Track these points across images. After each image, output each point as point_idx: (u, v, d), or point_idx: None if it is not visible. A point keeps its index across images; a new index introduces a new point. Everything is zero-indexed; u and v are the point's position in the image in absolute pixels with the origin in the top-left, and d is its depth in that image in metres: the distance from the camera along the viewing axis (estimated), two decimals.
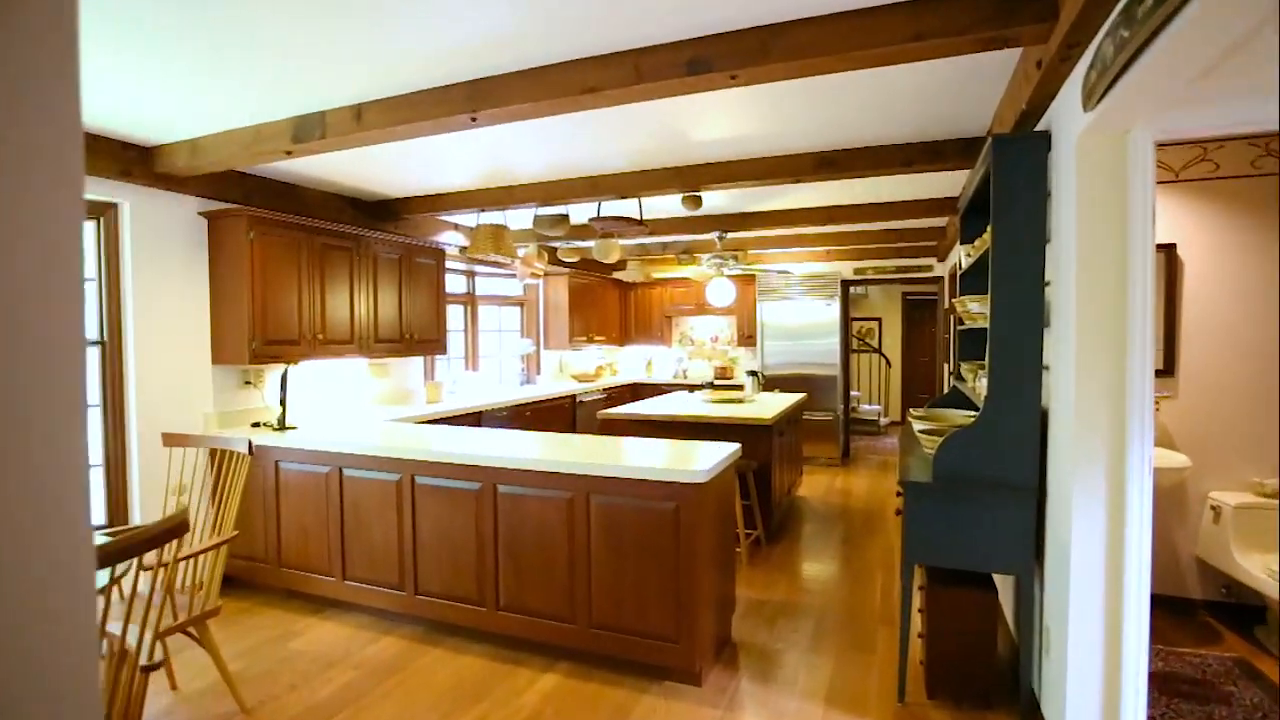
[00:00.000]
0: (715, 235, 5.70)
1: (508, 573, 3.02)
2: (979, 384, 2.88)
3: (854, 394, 9.46)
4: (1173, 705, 2.52)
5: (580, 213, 5.09)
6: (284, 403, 3.84)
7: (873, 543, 4.67)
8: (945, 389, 6.96)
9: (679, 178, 3.96)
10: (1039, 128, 2.48)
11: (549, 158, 3.78)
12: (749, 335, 7.96)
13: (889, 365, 10.63)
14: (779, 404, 5.14)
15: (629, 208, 4.89)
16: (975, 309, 2.98)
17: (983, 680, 2.55)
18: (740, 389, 7.20)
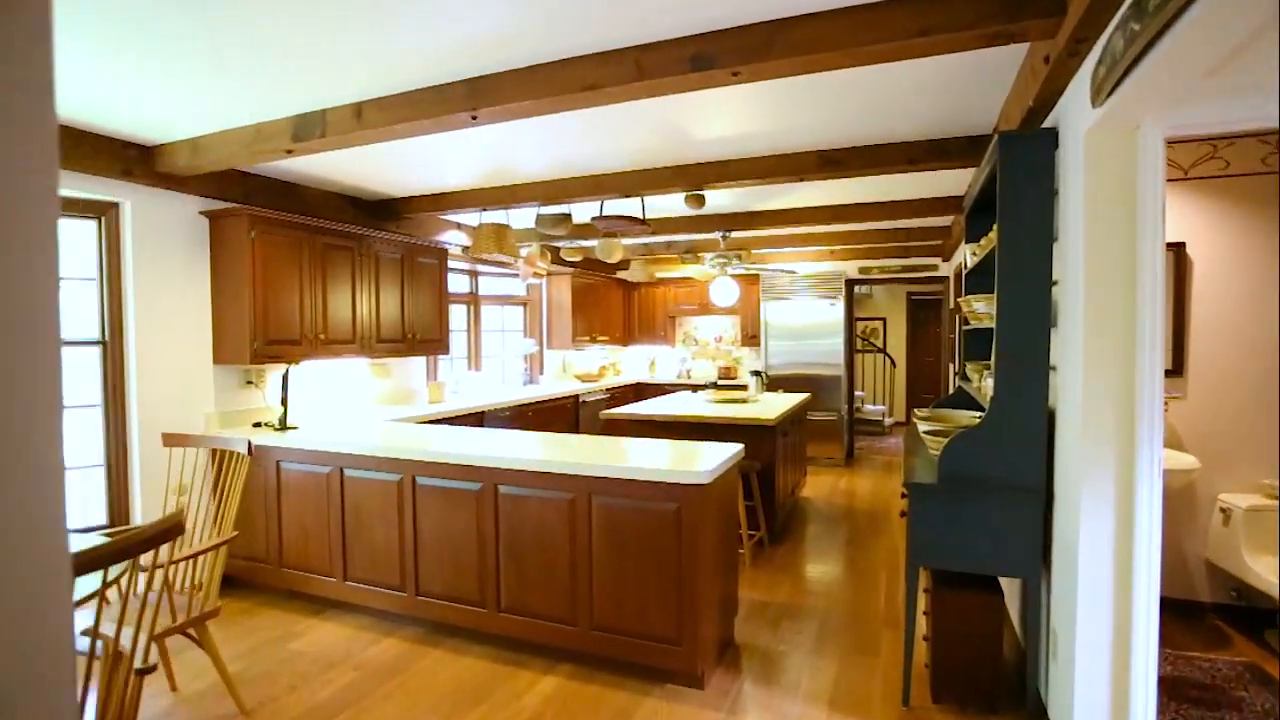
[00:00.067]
0: (719, 234, 5.67)
1: (509, 574, 3.00)
2: (985, 384, 2.85)
3: (858, 394, 9.42)
4: (1182, 711, 2.49)
5: (583, 212, 5.07)
6: (285, 403, 3.84)
7: (877, 544, 4.63)
8: (950, 389, 6.92)
9: (682, 176, 3.94)
10: (1046, 125, 2.45)
11: (551, 156, 3.76)
12: (753, 335, 7.93)
13: (893, 365, 10.59)
14: (783, 404, 5.11)
15: (632, 207, 4.87)
16: (981, 309, 2.95)
17: (988, 684, 2.52)
18: (744, 389, 7.17)
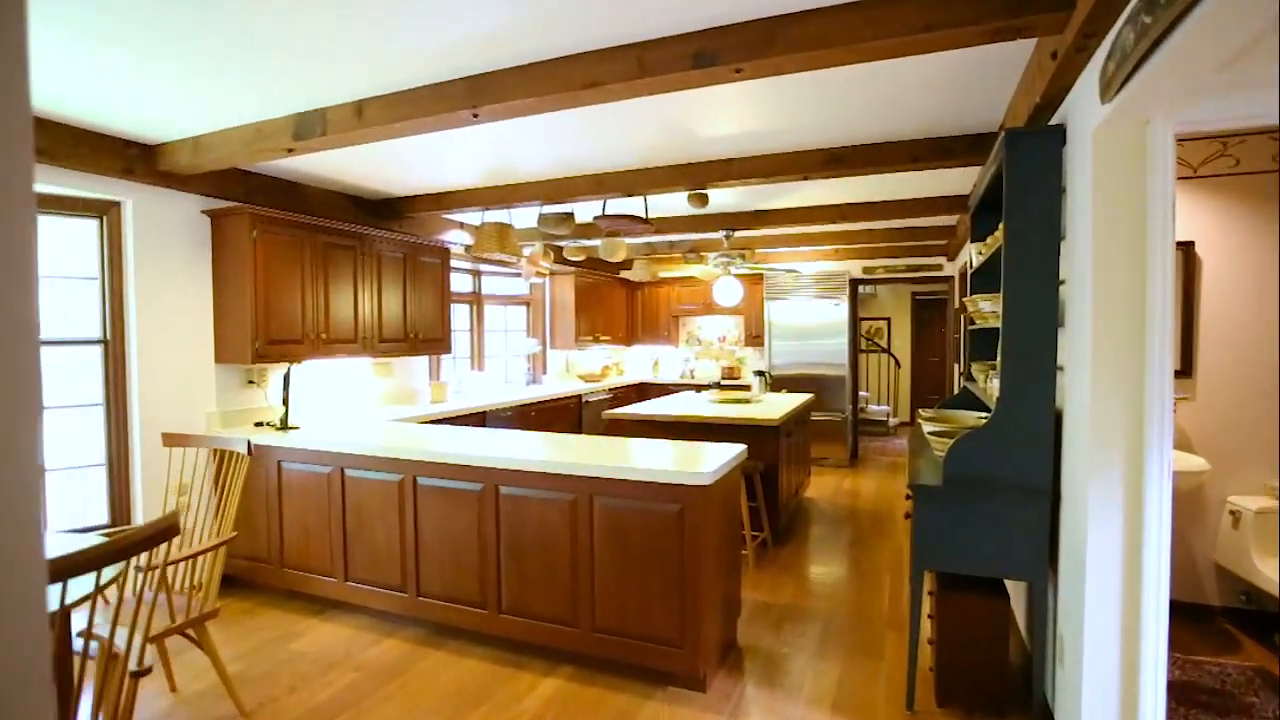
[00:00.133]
0: (722, 234, 5.65)
1: (510, 575, 2.98)
2: (990, 385, 2.82)
3: (862, 394, 9.37)
4: (1191, 716, 2.45)
5: (586, 211, 5.05)
6: (286, 402, 3.83)
7: (881, 545, 4.60)
8: (955, 390, 6.87)
9: (685, 175, 3.91)
10: (1053, 122, 2.42)
11: (553, 155, 3.74)
12: (756, 335, 7.90)
13: (898, 365, 10.54)
14: (786, 404, 5.08)
15: (635, 206, 4.84)
16: (987, 308, 2.91)
17: (994, 688, 2.49)
18: (747, 389, 7.15)
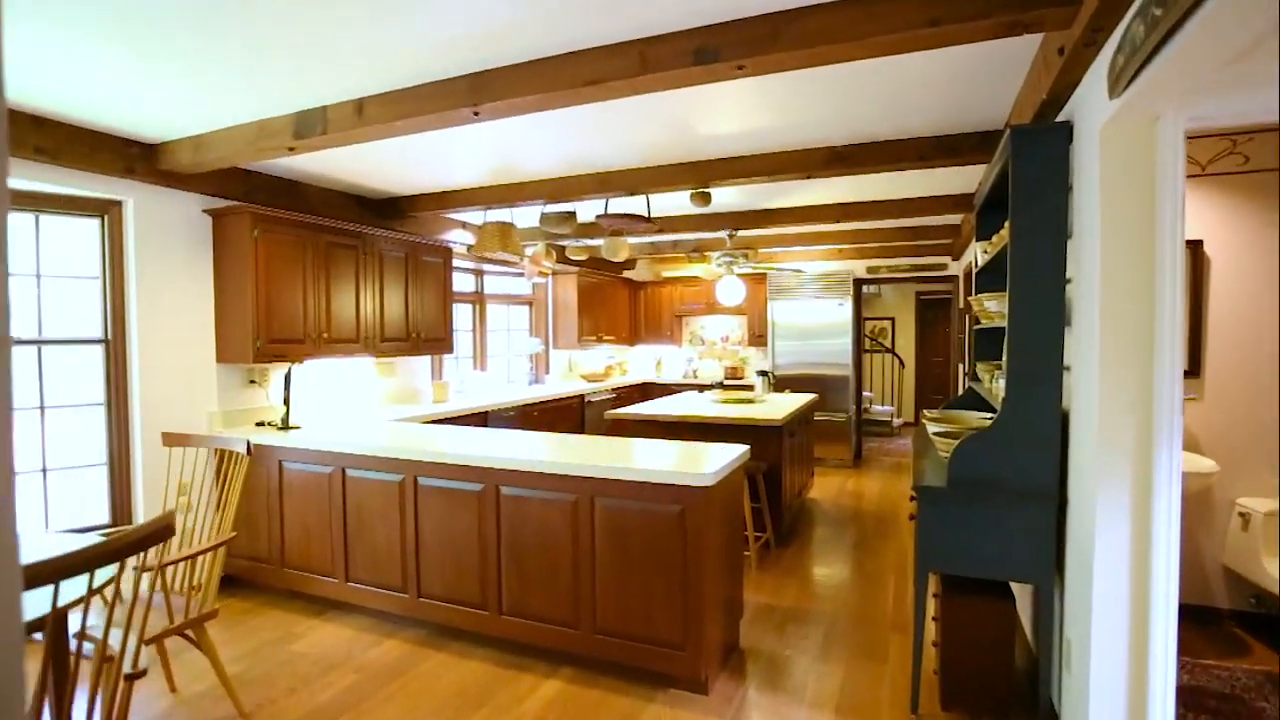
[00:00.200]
0: (725, 233, 5.62)
1: (511, 576, 2.96)
2: (996, 385, 2.79)
3: (866, 395, 9.33)
4: None
5: (588, 210, 5.03)
6: (288, 402, 3.81)
7: (885, 547, 4.57)
8: (960, 390, 6.83)
9: (688, 173, 3.89)
10: (1060, 119, 2.39)
11: (555, 154, 3.72)
12: (760, 335, 7.87)
13: (902, 366, 10.50)
14: (790, 404, 5.05)
15: (637, 205, 4.82)
16: (992, 307, 2.89)
17: (999, 692, 2.46)
18: (751, 389, 7.12)
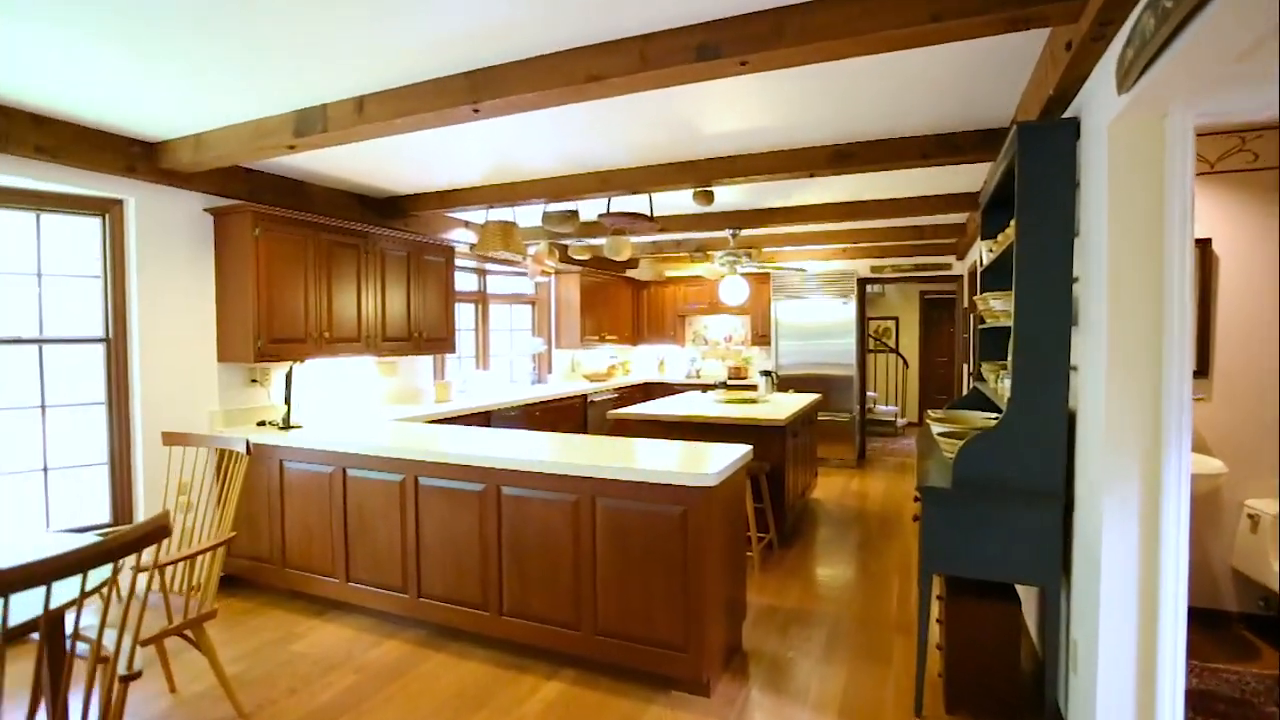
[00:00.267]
0: (728, 232, 5.59)
1: (511, 577, 2.95)
2: (1001, 385, 2.76)
3: (870, 395, 9.30)
4: None
5: (590, 209, 5.01)
6: (289, 401, 3.80)
7: (889, 547, 4.54)
8: (964, 390, 6.80)
9: (690, 172, 3.86)
10: (1067, 115, 2.36)
11: (557, 152, 3.70)
12: (763, 334, 7.85)
13: (906, 365, 10.46)
14: (793, 404, 5.02)
15: (640, 204, 4.80)
16: (998, 306, 2.86)
17: (1005, 695, 2.43)
18: (754, 389, 7.09)
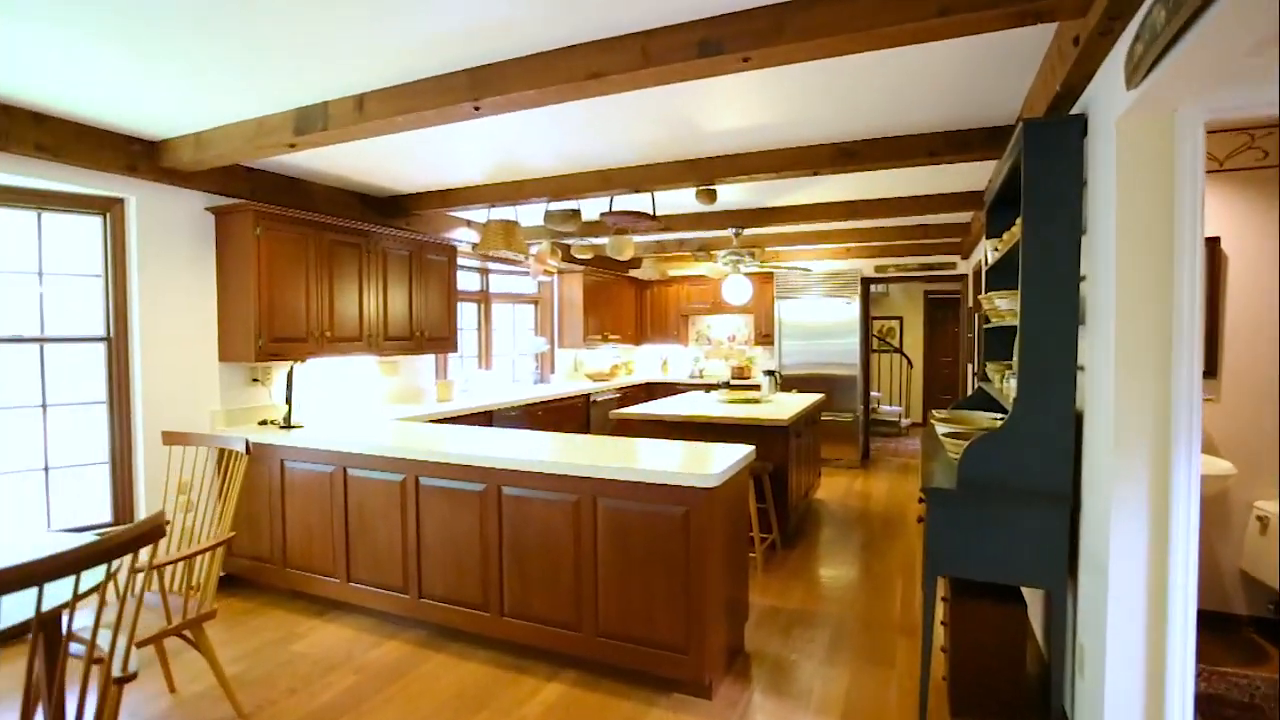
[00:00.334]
0: (731, 231, 5.57)
1: (512, 577, 2.93)
2: (1007, 385, 2.73)
3: (874, 395, 9.26)
4: None
5: (592, 208, 4.99)
6: (290, 401, 3.79)
7: (893, 548, 4.51)
8: (969, 391, 6.76)
9: (692, 170, 3.84)
10: (1074, 112, 2.33)
11: (559, 150, 3.68)
12: (766, 334, 7.82)
13: (910, 366, 10.41)
14: (797, 404, 5.00)
15: (642, 203, 4.78)
16: (1003, 306, 2.82)
17: (1010, 699, 2.41)
18: (757, 389, 7.06)
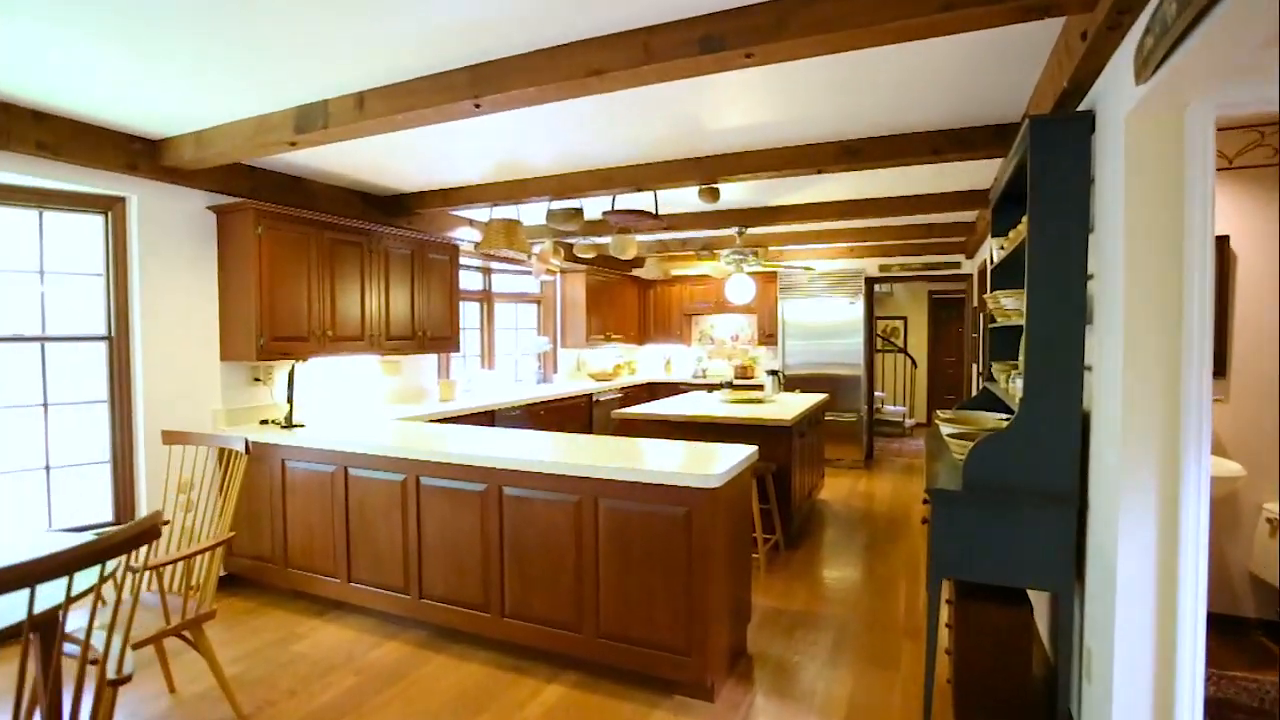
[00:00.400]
0: (734, 230, 5.54)
1: (513, 578, 2.91)
2: (1012, 385, 2.70)
3: (878, 395, 9.22)
4: None
5: (595, 207, 4.97)
6: (291, 400, 3.78)
7: (897, 549, 4.48)
8: (974, 391, 6.72)
9: (695, 169, 3.82)
10: (1081, 108, 2.30)
11: (561, 149, 3.66)
12: (770, 334, 7.79)
13: (914, 365, 10.37)
14: (800, 404, 4.97)
15: (644, 201, 4.76)
16: (1009, 305, 2.80)
17: (1015, 703, 2.38)
18: (760, 389, 7.03)
